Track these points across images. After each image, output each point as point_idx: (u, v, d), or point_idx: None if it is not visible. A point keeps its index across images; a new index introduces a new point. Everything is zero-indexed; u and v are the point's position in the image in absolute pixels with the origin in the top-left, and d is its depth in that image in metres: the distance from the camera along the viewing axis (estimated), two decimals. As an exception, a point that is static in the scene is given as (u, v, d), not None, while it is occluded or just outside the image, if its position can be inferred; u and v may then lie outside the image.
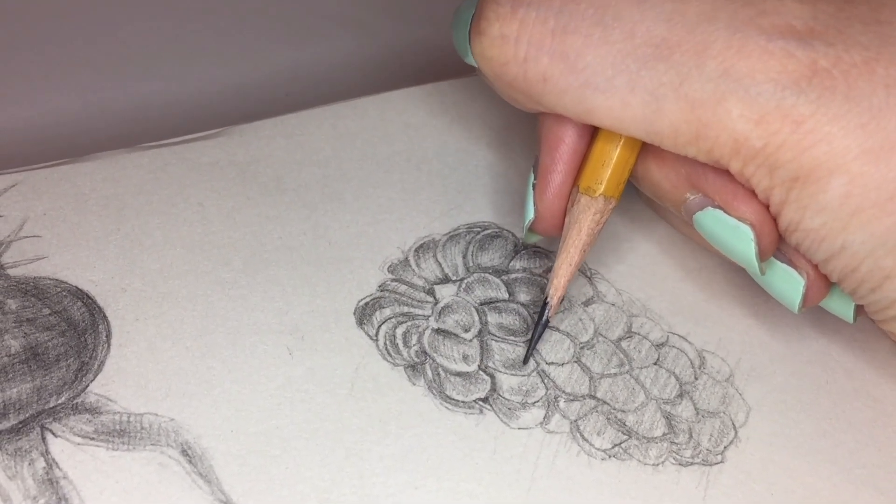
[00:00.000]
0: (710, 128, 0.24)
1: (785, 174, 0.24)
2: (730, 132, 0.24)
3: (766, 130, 0.23)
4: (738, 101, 0.23)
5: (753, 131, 0.24)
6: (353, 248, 0.30)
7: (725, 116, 0.24)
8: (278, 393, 0.26)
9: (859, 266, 0.24)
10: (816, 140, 0.23)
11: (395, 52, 0.39)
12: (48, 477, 0.24)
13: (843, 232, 0.24)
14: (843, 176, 0.23)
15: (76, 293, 0.27)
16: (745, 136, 0.24)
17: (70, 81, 0.36)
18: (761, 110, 0.23)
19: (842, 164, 0.23)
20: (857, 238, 0.24)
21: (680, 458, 0.27)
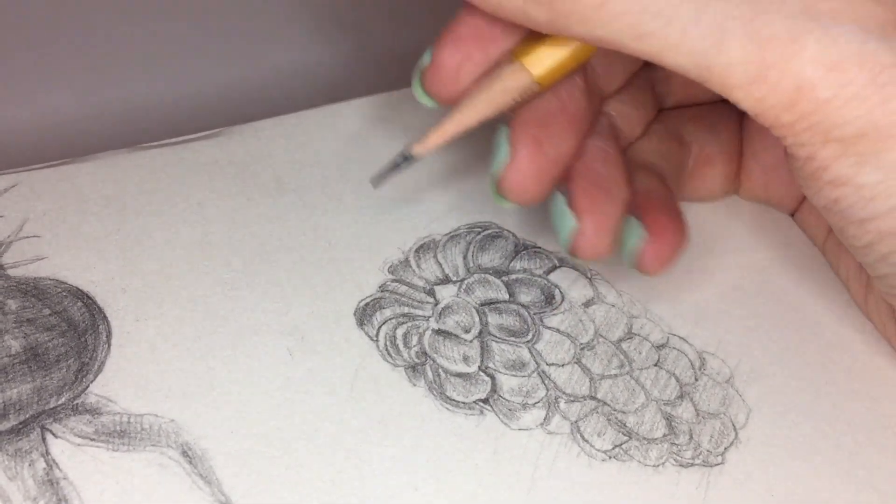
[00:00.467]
0: (773, 69, 0.22)
1: (849, 131, 0.22)
2: (795, 76, 0.22)
3: (838, 79, 0.22)
4: (815, 41, 0.22)
5: (824, 79, 0.22)
6: (353, 249, 0.30)
7: (797, 57, 0.22)
8: (278, 394, 0.26)
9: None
10: (893, 93, 0.22)
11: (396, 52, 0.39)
12: (48, 478, 0.24)
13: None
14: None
15: (76, 293, 0.27)
16: (812, 83, 0.22)
17: (70, 82, 0.36)
18: (839, 54, 0.22)
19: None
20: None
21: (680, 460, 0.27)
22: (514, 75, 0.25)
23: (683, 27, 0.22)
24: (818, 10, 0.22)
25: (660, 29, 0.23)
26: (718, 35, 0.22)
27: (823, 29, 0.22)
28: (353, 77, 0.38)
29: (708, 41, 0.22)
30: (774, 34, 0.22)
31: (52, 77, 0.36)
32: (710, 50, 0.22)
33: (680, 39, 0.22)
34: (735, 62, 0.22)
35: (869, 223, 0.24)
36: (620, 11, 0.23)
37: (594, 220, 0.26)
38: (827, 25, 0.22)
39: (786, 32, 0.22)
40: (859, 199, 0.23)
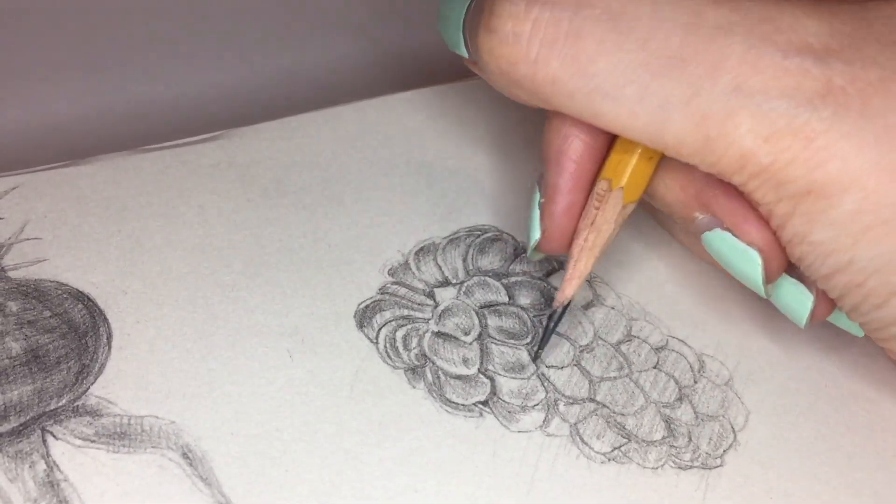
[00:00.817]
0: (717, 142, 0.24)
1: (793, 189, 0.24)
2: (737, 148, 0.23)
3: (776, 147, 0.23)
4: (748, 117, 0.23)
5: (762, 147, 0.23)
6: (353, 251, 0.30)
7: (734, 131, 0.23)
8: (278, 395, 0.26)
9: (865, 281, 0.24)
10: (829, 156, 0.23)
11: (396, 55, 0.40)
12: (49, 479, 0.24)
13: (853, 247, 0.24)
14: (858, 192, 0.23)
15: (77, 295, 0.27)
16: (753, 152, 0.23)
17: (71, 84, 0.36)
18: (772, 126, 0.23)
19: (856, 180, 0.23)
20: (867, 254, 0.24)
21: (679, 462, 0.27)
22: (617, 208, 0.27)
23: (630, 108, 0.24)
24: (749, 87, 0.23)
25: (611, 110, 0.24)
26: (663, 114, 0.24)
27: (755, 105, 0.23)
28: (353, 79, 0.39)
29: (656, 119, 0.24)
30: (711, 112, 0.23)
31: (54, 79, 0.36)
32: (659, 127, 0.24)
33: (629, 120, 0.24)
34: (682, 135, 0.24)
35: (832, 278, 0.25)
36: (571, 91, 0.25)
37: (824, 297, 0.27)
38: (758, 101, 0.23)
39: (721, 110, 0.23)
40: (818, 256, 0.24)
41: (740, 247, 0.26)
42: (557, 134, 0.27)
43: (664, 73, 0.24)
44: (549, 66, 0.24)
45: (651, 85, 0.24)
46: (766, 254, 0.26)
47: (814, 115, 0.23)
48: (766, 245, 0.25)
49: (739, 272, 0.26)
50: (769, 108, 0.23)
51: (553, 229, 0.27)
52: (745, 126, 0.23)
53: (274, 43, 0.39)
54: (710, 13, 0.24)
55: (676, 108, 0.24)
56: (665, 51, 0.24)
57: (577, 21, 0.24)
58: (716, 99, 0.23)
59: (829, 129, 0.23)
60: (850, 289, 0.25)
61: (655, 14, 0.24)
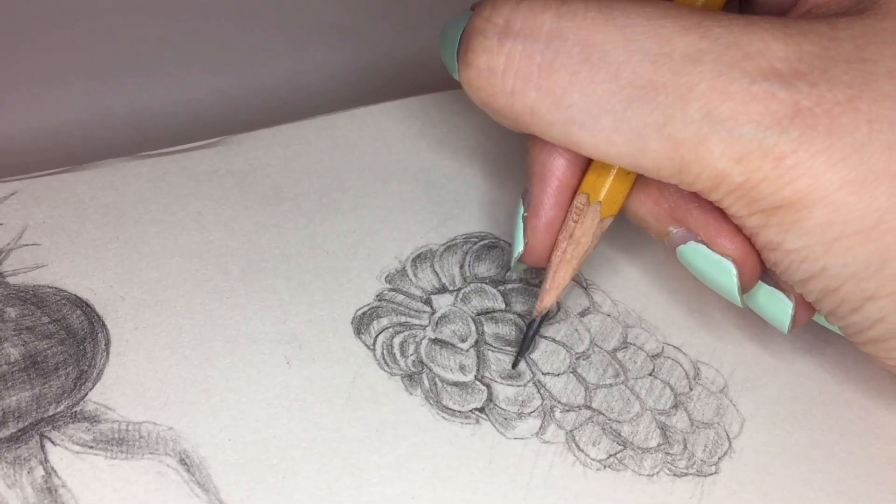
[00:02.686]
0: (692, 165, 0.24)
1: (765, 204, 0.24)
2: (711, 170, 0.24)
3: (747, 168, 0.24)
4: (719, 142, 0.24)
5: (734, 168, 0.24)
6: (350, 258, 0.30)
7: (707, 155, 0.24)
8: (276, 402, 0.26)
9: (840, 287, 0.25)
10: (799, 174, 0.24)
11: (393, 62, 0.40)
12: (47, 485, 0.24)
13: (825, 255, 0.24)
14: (826, 206, 0.24)
15: (75, 301, 0.27)
16: (727, 172, 0.24)
17: (69, 90, 0.36)
18: (743, 150, 0.24)
19: (825, 196, 0.24)
20: (839, 261, 0.24)
21: (675, 469, 0.27)
22: (595, 222, 0.27)
23: (608, 137, 0.25)
24: (719, 114, 0.24)
25: (588, 139, 0.25)
26: (639, 142, 0.25)
27: (726, 131, 0.24)
28: (350, 87, 0.39)
29: (633, 147, 0.25)
30: (683, 138, 0.24)
31: (52, 85, 0.36)
32: (637, 153, 0.25)
33: (608, 147, 0.25)
34: (659, 160, 0.25)
35: (808, 283, 0.25)
36: (549, 121, 0.25)
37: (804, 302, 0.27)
38: (729, 128, 0.24)
39: (693, 136, 0.24)
40: (791, 263, 0.25)
41: (714, 258, 0.26)
42: (541, 151, 0.27)
43: (637, 103, 0.24)
44: (526, 97, 0.25)
45: (625, 114, 0.24)
46: (741, 264, 0.26)
47: (782, 136, 0.24)
48: (740, 255, 0.26)
49: (715, 283, 0.27)
50: (739, 134, 0.24)
51: (535, 243, 0.28)
52: (718, 150, 0.24)
53: (272, 50, 0.39)
54: (680, 41, 0.24)
55: (651, 136, 0.24)
56: (636, 80, 0.24)
57: (549, 54, 0.25)
58: (687, 126, 0.24)
59: (797, 150, 0.23)
60: (825, 294, 0.25)
61: (626, 45, 0.24)
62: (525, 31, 0.25)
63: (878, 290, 0.24)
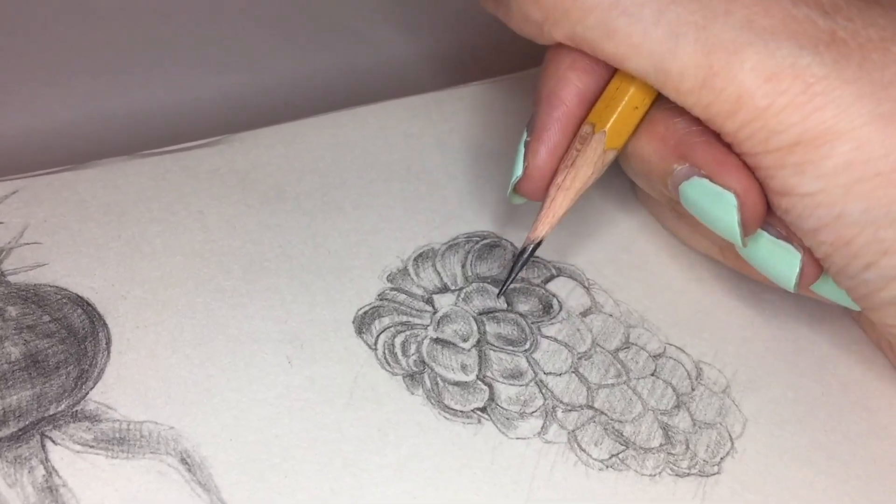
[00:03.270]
0: (718, 77, 0.24)
1: (785, 139, 0.24)
2: (737, 85, 0.24)
3: (775, 88, 0.24)
4: (754, 53, 0.24)
5: (760, 87, 0.24)
6: (352, 257, 0.30)
7: (738, 67, 0.24)
8: (277, 401, 0.26)
9: (855, 238, 0.24)
10: (826, 102, 0.23)
11: (395, 61, 0.40)
12: (48, 485, 0.24)
13: (844, 199, 0.24)
14: (851, 142, 0.23)
15: (76, 300, 0.27)
16: (751, 92, 0.24)
17: (71, 88, 0.36)
18: (775, 66, 0.24)
19: (850, 129, 0.23)
20: (858, 206, 0.24)
21: (677, 469, 0.27)
22: (598, 151, 0.27)
23: (645, 28, 0.25)
24: (760, 25, 0.24)
25: (625, 27, 0.25)
26: (673, 40, 0.24)
27: (763, 42, 0.24)
28: (352, 85, 0.39)
29: (665, 45, 0.25)
30: (720, 43, 0.24)
31: (54, 83, 0.36)
32: (666, 54, 0.25)
33: (641, 40, 0.25)
34: (686, 67, 0.24)
35: (820, 233, 0.25)
36: (593, 5, 0.25)
37: None
38: (766, 40, 0.24)
39: (730, 42, 0.24)
40: (805, 209, 0.24)
41: (716, 191, 0.26)
42: (553, 75, 0.27)
43: (683, 0, 0.24)
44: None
45: (668, 7, 0.24)
46: (743, 198, 0.25)
47: (816, 58, 0.24)
48: (743, 189, 0.25)
49: (715, 220, 0.26)
50: (775, 47, 0.24)
51: (534, 168, 0.28)
52: (750, 63, 0.24)
53: (274, 49, 0.39)
54: None
55: (688, 35, 0.24)
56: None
57: None
58: (727, 30, 0.24)
59: (828, 76, 0.24)
60: (837, 247, 0.25)
61: None
62: None
63: (895, 242, 0.24)
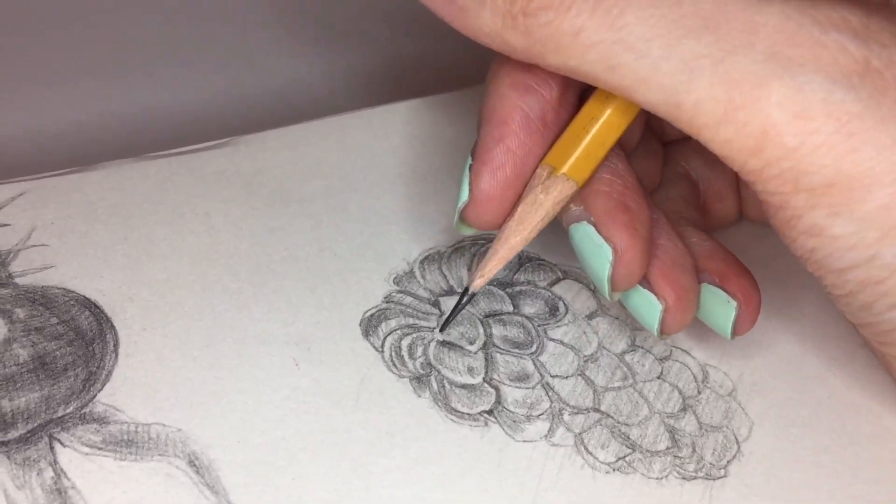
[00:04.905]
0: (740, 111, 0.22)
1: (818, 180, 0.22)
2: (762, 119, 0.22)
3: (804, 127, 0.22)
4: (781, 86, 0.22)
5: (789, 125, 0.22)
6: (358, 260, 0.30)
7: (763, 100, 0.22)
8: (284, 404, 0.26)
9: (887, 279, 0.23)
10: (862, 143, 0.22)
11: (401, 63, 0.40)
12: (56, 487, 0.24)
13: (878, 243, 0.22)
14: (890, 186, 0.22)
15: (84, 302, 0.27)
16: (778, 129, 0.22)
17: (77, 91, 0.36)
18: (805, 101, 0.22)
19: (889, 173, 0.22)
20: (894, 250, 0.22)
21: (683, 472, 0.27)
22: (559, 188, 0.26)
23: (654, 62, 0.23)
24: (786, 56, 0.22)
25: (632, 62, 0.23)
26: (688, 73, 0.23)
27: (790, 76, 0.22)
28: (358, 88, 0.39)
29: (678, 78, 0.23)
30: (742, 76, 0.22)
31: (60, 85, 0.36)
32: (680, 87, 0.23)
33: (650, 74, 0.23)
34: (703, 100, 0.23)
35: (848, 272, 0.24)
36: (595, 41, 0.23)
37: (679, 300, 0.27)
38: (794, 73, 0.22)
39: (753, 76, 0.22)
40: (835, 250, 0.23)
41: (598, 241, 0.25)
42: (494, 93, 0.26)
43: (696, 33, 0.22)
44: (579, 17, 0.23)
45: (681, 42, 0.22)
46: (620, 255, 0.25)
47: (850, 93, 0.22)
48: (624, 248, 0.25)
49: (590, 268, 0.26)
50: (804, 80, 0.22)
51: (479, 193, 0.26)
52: (776, 97, 0.22)
53: (280, 51, 0.39)
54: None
55: (704, 69, 0.22)
56: (699, 12, 0.23)
57: None
58: (749, 63, 0.22)
59: (863, 113, 0.22)
60: (866, 286, 0.24)
61: None
62: None
63: None
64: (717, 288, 0.27)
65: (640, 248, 0.26)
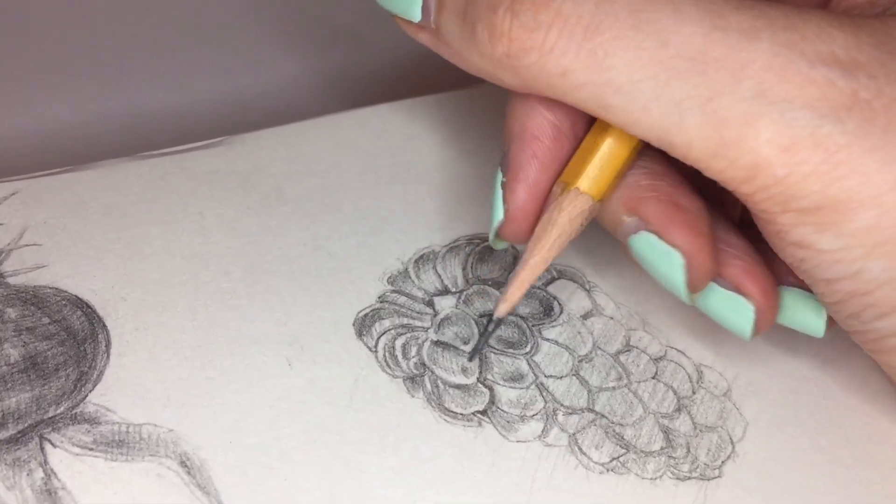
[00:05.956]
0: (730, 148, 0.23)
1: (806, 203, 0.23)
2: (752, 155, 0.23)
3: (793, 158, 0.23)
4: (769, 124, 0.23)
5: (778, 157, 0.23)
6: (352, 259, 0.30)
7: (752, 138, 0.23)
8: (277, 404, 0.26)
9: (873, 291, 0.24)
10: (849, 171, 0.22)
11: (397, 62, 0.40)
12: (46, 487, 0.24)
13: (864, 258, 0.23)
14: (875, 209, 0.23)
15: (76, 302, 0.27)
16: (769, 161, 0.23)
17: (71, 90, 0.36)
18: (793, 136, 0.23)
19: (875, 196, 0.23)
20: (879, 265, 0.23)
21: (677, 473, 0.27)
22: (573, 203, 0.26)
23: (644, 104, 0.23)
24: (773, 94, 0.23)
25: (622, 104, 0.24)
26: (678, 115, 0.23)
27: (779, 112, 0.23)
28: (353, 87, 0.39)
29: (669, 119, 0.23)
30: (730, 115, 0.23)
31: (53, 84, 0.36)
32: (671, 127, 0.23)
33: (640, 116, 0.24)
34: (695, 138, 0.23)
35: (835, 283, 0.24)
36: (582, 82, 0.24)
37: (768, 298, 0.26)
38: (782, 109, 0.23)
39: (740, 115, 0.23)
40: (822, 262, 0.24)
41: (663, 248, 0.25)
42: (522, 108, 0.26)
43: (683, 74, 0.23)
44: (564, 57, 0.24)
45: (669, 83, 0.23)
46: (691, 258, 0.25)
47: (837, 126, 0.22)
48: (692, 250, 0.25)
49: (662, 276, 0.26)
50: (792, 117, 0.23)
51: (516, 210, 0.26)
52: (765, 134, 0.23)
53: (274, 50, 0.39)
54: (734, 17, 0.23)
55: (693, 109, 0.23)
56: (686, 51, 0.23)
57: (598, 15, 0.23)
58: (737, 103, 0.23)
59: (851, 144, 0.22)
60: (853, 296, 0.24)
61: (677, 14, 0.23)
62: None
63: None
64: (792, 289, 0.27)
65: (708, 245, 0.25)
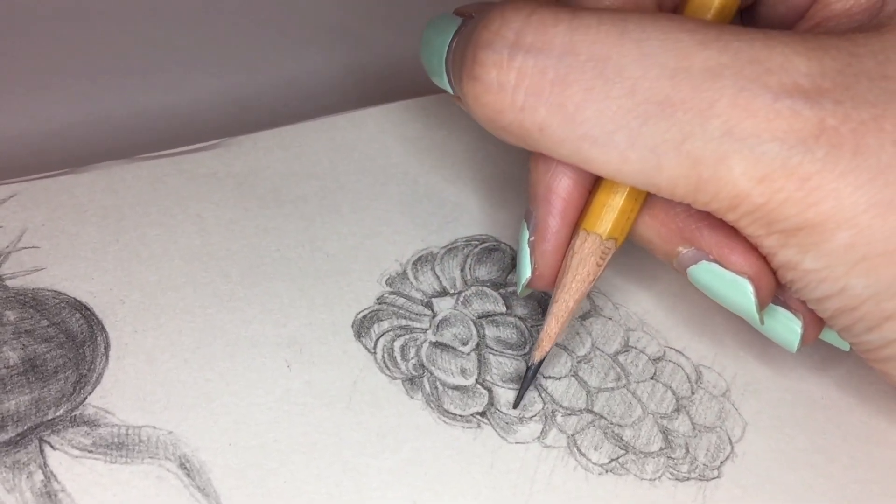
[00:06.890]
0: (709, 184, 0.23)
1: (786, 225, 0.24)
2: (731, 187, 0.23)
3: (769, 188, 0.23)
4: (741, 160, 0.23)
5: (755, 189, 0.23)
6: (351, 261, 0.30)
7: (727, 174, 0.23)
8: (276, 406, 0.26)
9: (859, 306, 0.24)
10: (823, 196, 0.23)
11: (394, 64, 0.40)
12: (46, 490, 0.24)
13: (847, 275, 0.24)
14: (851, 229, 0.23)
15: (75, 305, 0.27)
16: (747, 192, 0.23)
17: (69, 92, 0.36)
18: (765, 169, 0.23)
19: (850, 218, 0.23)
20: (861, 282, 0.24)
21: (676, 473, 0.27)
22: (579, 243, 0.27)
23: (621, 154, 0.24)
24: (741, 130, 0.23)
25: (600, 155, 0.24)
26: (655, 159, 0.24)
27: (748, 148, 0.23)
28: (350, 89, 0.39)
29: (647, 164, 0.24)
30: (703, 155, 0.23)
31: (51, 87, 0.36)
32: (651, 172, 0.24)
33: (621, 165, 0.24)
34: (675, 178, 0.24)
35: (825, 301, 0.25)
36: (560, 138, 0.24)
37: (813, 313, 0.27)
38: (751, 145, 0.23)
39: (712, 154, 0.23)
40: (810, 282, 0.25)
41: (729, 277, 0.26)
42: (545, 172, 0.26)
43: (654, 119, 0.23)
44: (536, 114, 0.24)
45: (641, 131, 0.23)
46: (757, 281, 0.25)
47: (807, 156, 0.23)
48: (756, 272, 0.25)
49: (731, 303, 0.26)
50: (761, 152, 0.23)
51: (544, 267, 0.27)
52: (738, 169, 0.23)
53: (272, 52, 0.39)
54: (698, 56, 0.23)
55: (668, 153, 0.23)
56: (653, 96, 0.23)
57: (562, 69, 0.24)
58: (707, 143, 0.23)
59: (822, 170, 0.23)
60: (842, 312, 0.25)
61: (642, 59, 0.23)
62: (537, 45, 0.24)
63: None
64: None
65: (767, 265, 0.26)
